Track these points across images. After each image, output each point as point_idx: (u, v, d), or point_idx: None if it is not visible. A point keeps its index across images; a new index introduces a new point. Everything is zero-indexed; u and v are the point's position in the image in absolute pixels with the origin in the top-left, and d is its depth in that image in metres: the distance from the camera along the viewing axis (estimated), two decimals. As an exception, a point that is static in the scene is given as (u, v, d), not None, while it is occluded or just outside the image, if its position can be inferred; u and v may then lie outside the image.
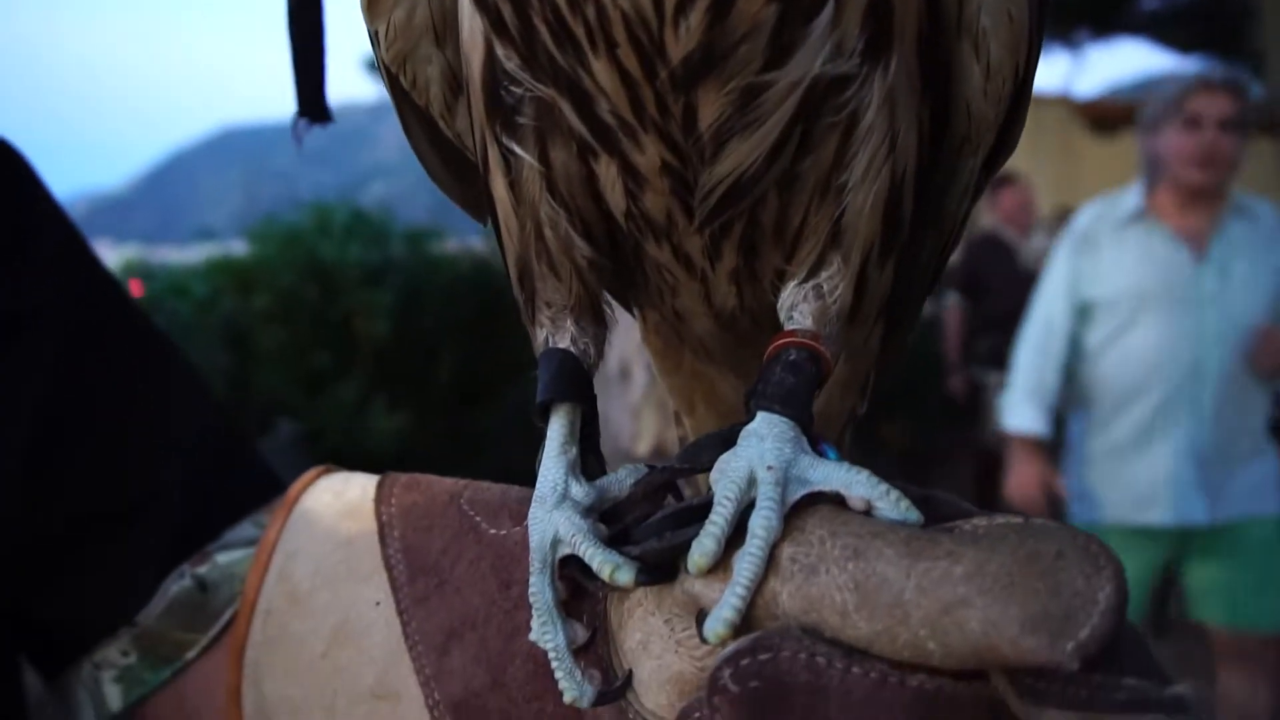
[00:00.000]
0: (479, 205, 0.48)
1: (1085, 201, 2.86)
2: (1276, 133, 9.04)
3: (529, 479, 0.43)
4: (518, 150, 0.39)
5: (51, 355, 0.55)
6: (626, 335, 2.01)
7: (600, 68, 0.34)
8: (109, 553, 0.55)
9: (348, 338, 5.20)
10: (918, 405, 5.86)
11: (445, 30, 0.42)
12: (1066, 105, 12.09)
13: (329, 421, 4.96)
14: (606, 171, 0.38)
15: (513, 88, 0.37)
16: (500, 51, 0.37)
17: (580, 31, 0.34)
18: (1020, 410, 2.52)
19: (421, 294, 5.39)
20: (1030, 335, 2.54)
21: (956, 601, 0.27)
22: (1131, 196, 2.40)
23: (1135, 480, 2.33)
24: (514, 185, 0.40)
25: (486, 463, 5.68)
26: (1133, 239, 2.36)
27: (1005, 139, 0.42)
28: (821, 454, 0.35)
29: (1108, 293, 2.37)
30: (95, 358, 0.58)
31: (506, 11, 0.35)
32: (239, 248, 5.91)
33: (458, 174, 0.49)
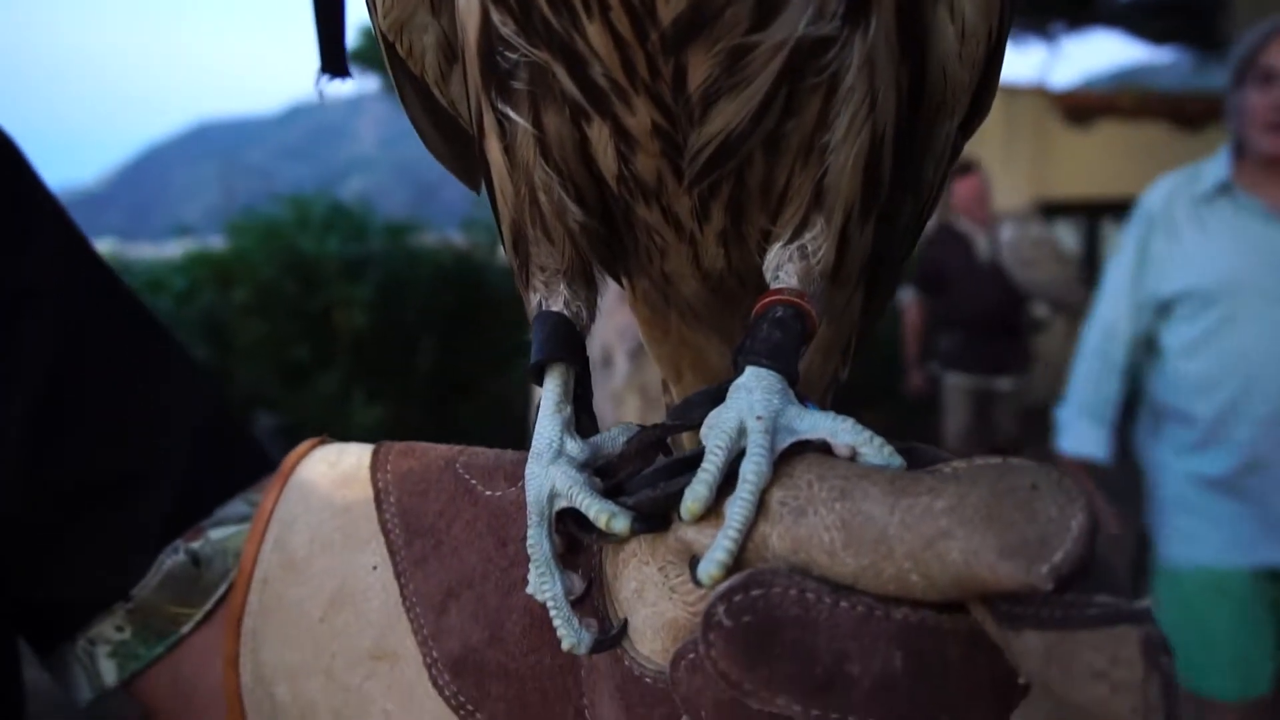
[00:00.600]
0: (472, 173, 0.49)
1: (1060, 192, 2.78)
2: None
3: None
4: (512, 115, 0.39)
5: (52, 335, 0.56)
6: (608, 322, 2.02)
7: (594, 31, 0.35)
8: (105, 527, 0.56)
9: (327, 330, 5.19)
10: (892, 395, 5.91)
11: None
12: (1042, 96, 12.17)
13: (308, 414, 4.95)
14: (599, 135, 0.39)
15: (508, 53, 0.38)
16: (496, 17, 0.38)
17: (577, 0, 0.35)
18: (1075, 429, 2.09)
19: (401, 287, 5.39)
20: (1089, 341, 2.10)
21: (938, 534, 0.29)
22: (1215, 166, 1.98)
23: (1244, 515, 1.87)
24: (508, 150, 0.40)
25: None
26: (1219, 218, 1.93)
27: (979, 103, 0.43)
28: (809, 407, 0.36)
29: (1191, 284, 1.92)
30: (94, 338, 0.58)
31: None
32: (216, 244, 5.88)
33: (452, 141, 0.50)
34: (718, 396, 0.37)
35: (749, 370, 0.36)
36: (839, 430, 0.34)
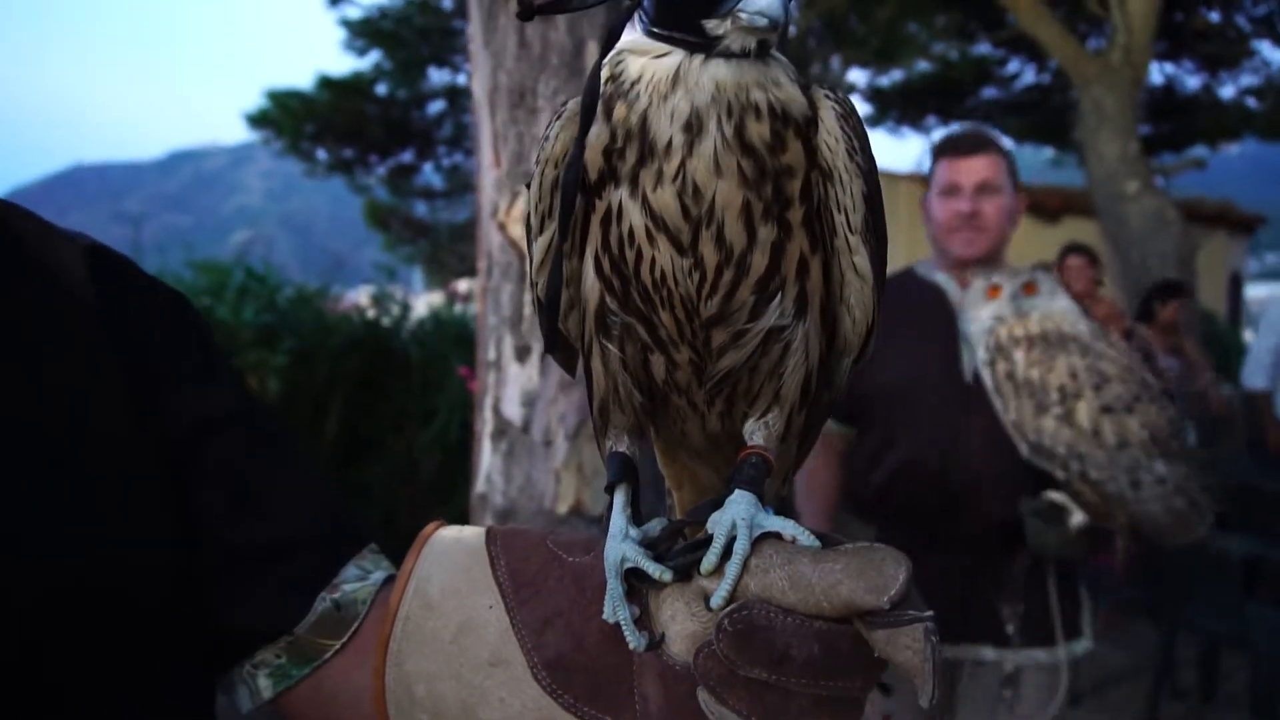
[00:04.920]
0: (571, 365, 0.77)
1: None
2: (1095, 216, 10.14)
3: (411, 525, 0.70)
4: (610, 346, 0.69)
5: (235, 441, 0.81)
6: (550, 409, 2.30)
7: (664, 315, 0.66)
8: (272, 579, 0.79)
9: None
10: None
11: (570, 280, 0.72)
12: (919, 184, 13.08)
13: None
14: (657, 360, 0.68)
15: (611, 316, 0.68)
16: (608, 299, 0.67)
17: (656, 299, 0.65)
18: None
19: (313, 353, 5.52)
20: None
21: (836, 582, 0.58)
22: None
23: None
24: (605, 363, 0.70)
25: (372, 513, 5.80)
26: None
27: (864, 351, 0.74)
28: (768, 513, 0.65)
29: None
30: (259, 447, 0.83)
31: (616, 286, 0.66)
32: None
33: (563, 349, 0.77)
34: (716, 505, 0.66)
35: (737, 492, 0.66)
36: (786, 526, 0.63)
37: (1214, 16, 13.42)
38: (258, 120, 12.84)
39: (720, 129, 0.62)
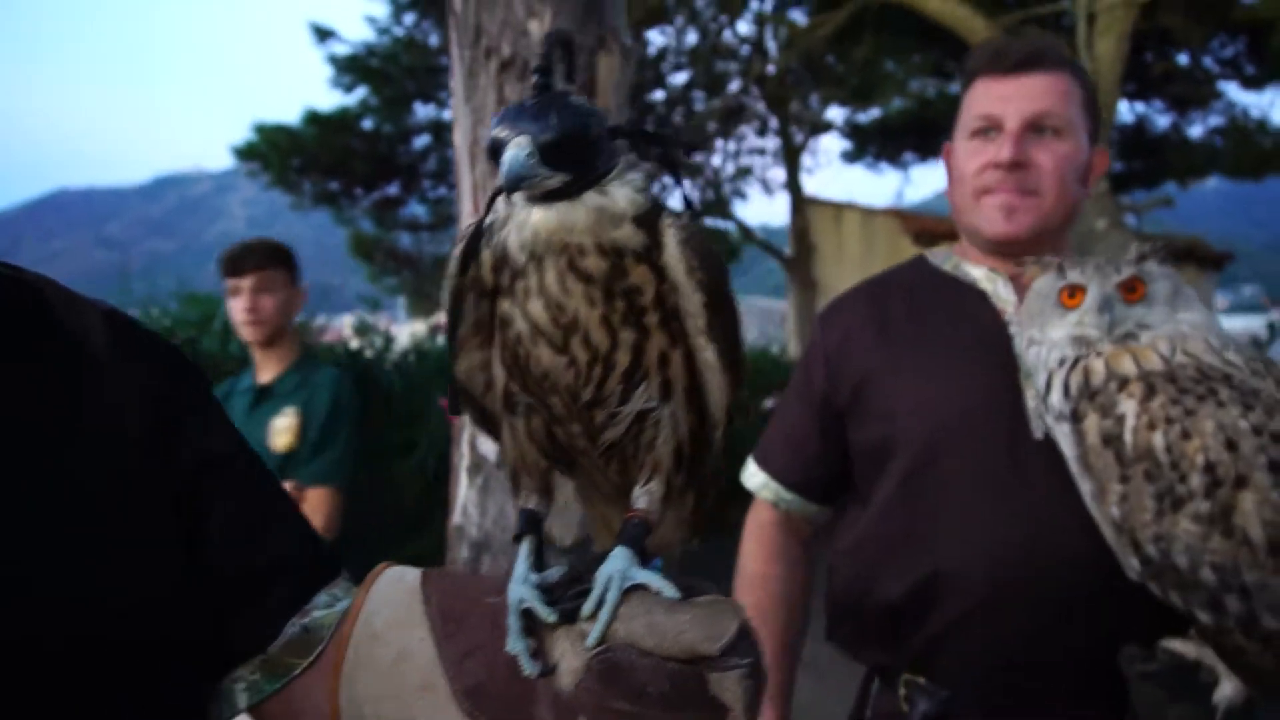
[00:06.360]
0: (495, 434, 0.92)
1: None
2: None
3: (392, 555, 0.83)
4: (516, 423, 0.84)
5: (231, 481, 0.93)
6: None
7: (555, 399, 0.81)
8: (257, 606, 0.91)
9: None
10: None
11: (484, 366, 0.87)
12: (895, 218, 13.32)
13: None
14: (559, 430, 0.84)
15: (515, 397, 0.83)
16: (511, 384, 0.83)
17: (545, 387, 0.80)
18: None
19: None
20: None
21: (682, 629, 0.71)
22: None
23: None
24: (513, 436, 0.85)
25: (356, 547, 5.85)
26: None
27: (730, 424, 0.88)
28: (650, 565, 0.80)
29: None
30: (249, 483, 0.96)
31: (516, 377, 0.82)
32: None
33: (484, 420, 0.92)
34: (602, 559, 0.82)
35: (618, 549, 0.80)
36: (652, 579, 0.78)
37: (1182, 59, 13.78)
38: (245, 153, 12.98)
39: (555, 262, 0.77)
